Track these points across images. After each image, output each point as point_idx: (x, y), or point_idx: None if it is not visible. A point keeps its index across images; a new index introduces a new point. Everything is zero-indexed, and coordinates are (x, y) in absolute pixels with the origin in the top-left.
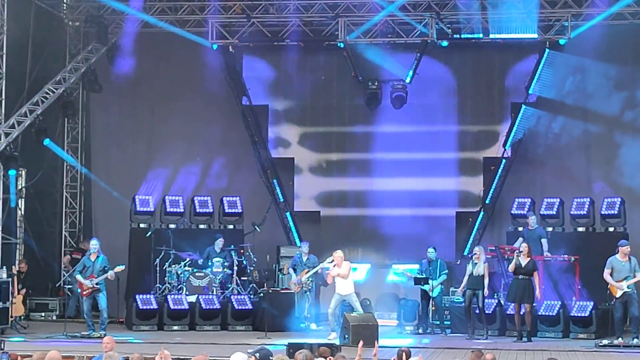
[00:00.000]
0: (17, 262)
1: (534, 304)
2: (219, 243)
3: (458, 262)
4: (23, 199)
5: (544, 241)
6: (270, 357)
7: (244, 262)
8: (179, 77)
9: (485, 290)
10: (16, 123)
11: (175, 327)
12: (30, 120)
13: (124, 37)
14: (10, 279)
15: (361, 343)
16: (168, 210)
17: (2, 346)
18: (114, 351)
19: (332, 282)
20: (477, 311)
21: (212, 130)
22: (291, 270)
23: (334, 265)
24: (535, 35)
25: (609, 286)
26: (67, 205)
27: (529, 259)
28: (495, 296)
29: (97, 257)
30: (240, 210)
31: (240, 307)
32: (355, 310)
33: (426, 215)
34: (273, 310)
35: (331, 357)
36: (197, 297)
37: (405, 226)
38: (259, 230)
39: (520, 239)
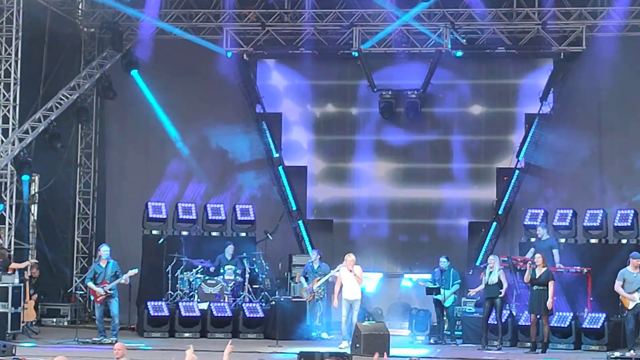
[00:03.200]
0: (29, 267)
1: (550, 315)
2: (229, 250)
3: (470, 272)
4: (36, 205)
5: (555, 252)
6: None
7: (256, 269)
8: (193, 85)
9: (503, 290)
10: (30, 129)
11: (187, 334)
12: (44, 126)
13: (138, 44)
14: (22, 284)
15: (376, 355)
16: (180, 217)
17: (14, 351)
18: (126, 357)
19: (339, 288)
20: (493, 321)
21: (226, 137)
22: (302, 279)
23: (352, 273)
24: (550, 46)
25: (620, 298)
26: (79, 211)
27: (544, 269)
28: (508, 307)
29: (108, 263)
30: (252, 218)
31: (251, 315)
32: (353, 318)
33: (439, 225)
34: (284, 318)
35: None
36: (209, 304)
37: (418, 236)
38: (271, 238)
39: (532, 249)
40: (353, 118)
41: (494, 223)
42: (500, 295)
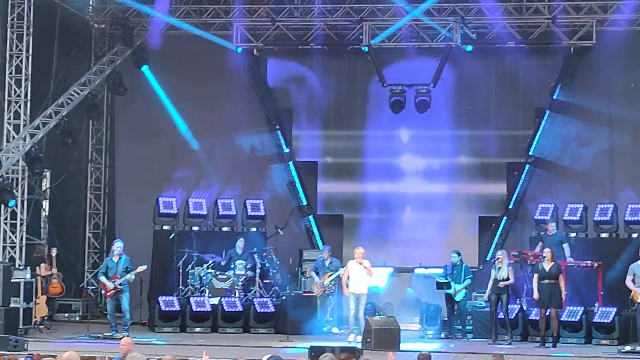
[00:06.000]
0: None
1: (559, 309)
2: (240, 244)
3: (481, 267)
4: (47, 200)
5: (565, 246)
6: None
7: (267, 265)
8: (203, 80)
9: (506, 282)
10: (41, 124)
11: (198, 329)
12: (55, 122)
13: (149, 40)
14: (34, 280)
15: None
16: (191, 212)
17: (26, 347)
18: (138, 352)
19: (346, 278)
20: (501, 316)
21: (236, 133)
22: (313, 274)
23: (361, 266)
24: (560, 41)
25: (631, 293)
26: (91, 206)
27: (552, 263)
28: (518, 301)
29: (120, 257)
30: (263, 213)
31: (262, 310)
32: (359, 312)
33: (449, 220)
34: (295, 313)
35: None
36: (220, 299)
37: (428, 231)
38: (281, 233)
39: (540, 243)
40: (363, 113)
41: (505, 217)
42: (506, 292)
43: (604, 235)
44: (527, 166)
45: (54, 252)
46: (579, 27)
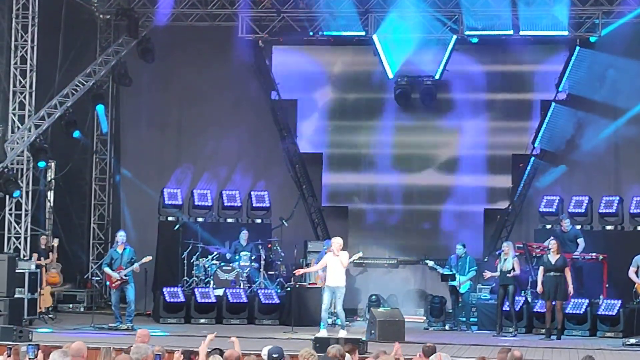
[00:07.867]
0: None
1: (565, 301)
2: (244, 235)
3: (486, 259)
4: (52, 191)
5: (580, 240)
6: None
7: (271, 256)
8: (208, 71)
9: (510, 274)
10: (46, 115)
11: (202, 321)
12: (61, 113)
13: (154, 31)
14: (38, 270)
15: (397, 344)
16: (196, 203)
17: (30, 337)
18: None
19: (322, 269)
20: (507, 308)
21: (241, 124)
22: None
23: (337, 258)
24: (565, 33)
25: (635, 285)
26: (95, 197)
27: (558, 255)
28: (523, 294)
29: (125, 249)
30: (268, 205)
31: (267, 302)
32: (336, 306)
33: (454, 212)
34: (300, 304)
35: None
36: (224, 290)
37: (433, 222)
38: (286, 224)
39: (552, 238)
40: (368, 104)
41: (510, 210)
42: (512, 283)
43: (609, 227)
44: (532, 158)
45: (55, 242)
46: (584, 19)
